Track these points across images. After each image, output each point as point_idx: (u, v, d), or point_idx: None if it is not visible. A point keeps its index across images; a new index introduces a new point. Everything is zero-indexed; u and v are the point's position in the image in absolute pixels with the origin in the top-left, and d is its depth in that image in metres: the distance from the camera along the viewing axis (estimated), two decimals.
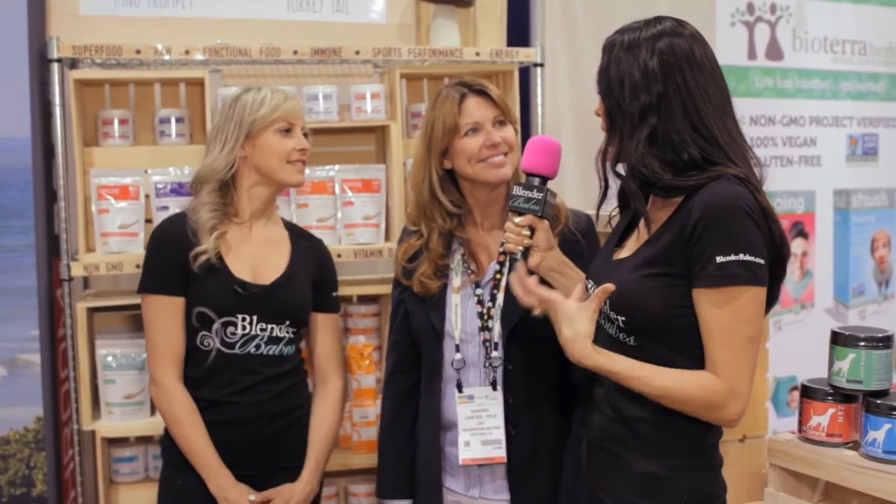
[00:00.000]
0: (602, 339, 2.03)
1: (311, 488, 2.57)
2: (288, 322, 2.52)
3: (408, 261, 2.41)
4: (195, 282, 2.43)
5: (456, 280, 2.37)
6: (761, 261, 1.79)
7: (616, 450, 1.96)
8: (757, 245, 1.79)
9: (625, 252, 2.01)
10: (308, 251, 2.62)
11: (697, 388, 1.80)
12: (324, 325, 2.66)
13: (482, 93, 2.33)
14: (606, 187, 2.02)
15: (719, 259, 1.77)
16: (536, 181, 2.06)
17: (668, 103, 1.85)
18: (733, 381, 1.79)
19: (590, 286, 2.04)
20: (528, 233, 2.05)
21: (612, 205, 2.12)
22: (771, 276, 1.83)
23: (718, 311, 1.79)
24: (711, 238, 1.77)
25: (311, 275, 2.60)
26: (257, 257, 2.51)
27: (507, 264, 2.06)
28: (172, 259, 2.45)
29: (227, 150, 2.46)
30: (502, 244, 2.10)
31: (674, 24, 1.92)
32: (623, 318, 1.90)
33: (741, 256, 1.77)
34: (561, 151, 2.11)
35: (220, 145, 2.47)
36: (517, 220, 2.05)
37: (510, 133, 2.34)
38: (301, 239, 2.63)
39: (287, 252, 2.57)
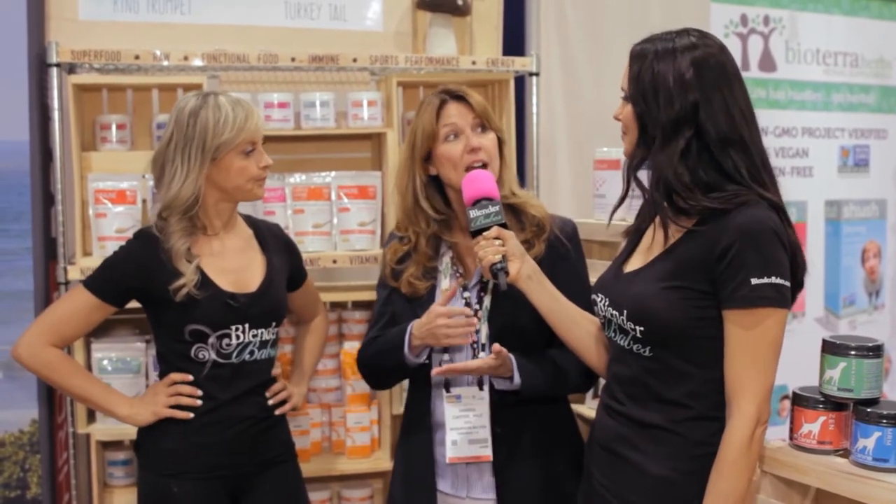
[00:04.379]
0: (613, 351, 2.06)
1: (304, 390, 2.80)
2: (274, 323, 2.55)
3: (396, 262, 2.43)
4: (183, 303, 2.40)
5: (444, 282, 2.39)
6: (789, 284, 1.85)
7: (625, 452, 1.99)
8: (786, 269, 1.85)
9: (632, 266, 2.04)
10: (275, 244, 2.63)
11: (739, 447, 1.85)
12: (305, 289, 2.77)
13: (462, 99, 2.35)
14: (626, 195, 2.06)
15: (754, 281, 1.81)
16: (485, 201, 2.17)
17: (706, 112, 1.89)
18: (758, 397, 1.85)
19: (599, 300, 2.06)
20: (499, 242, 2.13)
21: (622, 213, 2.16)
22: None
23: (747, 332, 1.84)
24: (746, 260, 1.82)
25: (287, 266, 2.64)
26: (237, 267, 2.51)
27: (496, 276, 2.11)
28: (130, 282, 2.44)
29: (193, 178, 2.39)
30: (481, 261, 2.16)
31: (703, 36, 1.96)
32: (641, 328, 1.93)
33: (773, 279, 1.82)
34: (493, 177, 2.24)
35: (184, 169, 2.39)
36: (485, 234, 2.14)
37: (489, 141, 2.34)
38: (265, 233, 2.63)
39: (259, 253, 2.58)
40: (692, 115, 1.89)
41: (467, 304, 2.36)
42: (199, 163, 2.39)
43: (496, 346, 2.21)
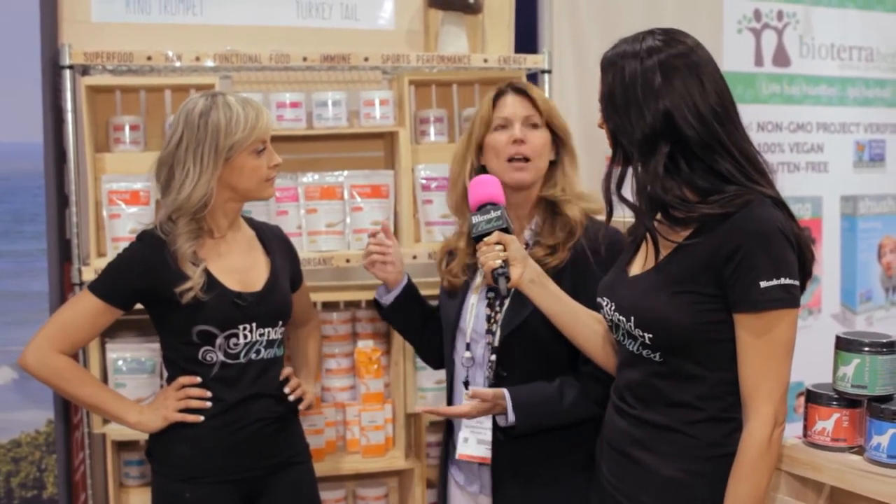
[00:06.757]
0: (622, 355, 2.05)
1: (314, 389, 2.82)
2: (280, 322, 2.54)
3: (447, 254, 2.53)
4: (190, 304, 2.39)
5: (478, 278, 2.42)
6: (798, 283, 1.83)
7: (637, 454, 1.98)
8: (795, 268, 1.83)
9: (636, 269, 2.02)
10: (277, 245, 2.63)
11: (758, 449, 1.84)
12: (301, 293, 2.76)
13: (522, 91, 2.39)
14: (611, 210, 2.02)
15: (763, 284, 1.79)
16: (489, 207, 2.17)
17: (680, 118, 1.83)
18: (774, 399, 1.84)
19: (605, 303, 2.05)
20: (500, 248, 2.11)
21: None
22: None
23: (760, 336, 1.82)
24: (754, 263, 1.79)
25: (288, 267, 2.64)
26: (241, 266, 2.51)
27: (497, 281, 2.11)
28: (136, 284, 2.42)
29: (206, 180, 2.37)
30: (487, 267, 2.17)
31: (670, 37, 1.91)
32: (650, 335, 1.92)
33: (782, 280, 1.80)
34: (499, 182, 2.24)
35: (197, 171, 2.37)
36: (486, 239, 2.14)
37: (537, 138, 2.36)
38: (266, 234, 2.64)
39: (262, 252, 2.58)
40: (665, 124, 1.84)
41: (489, 306, 2.38)
42: (213, 164, 2.38)
43: (472, 390, 2.28)
